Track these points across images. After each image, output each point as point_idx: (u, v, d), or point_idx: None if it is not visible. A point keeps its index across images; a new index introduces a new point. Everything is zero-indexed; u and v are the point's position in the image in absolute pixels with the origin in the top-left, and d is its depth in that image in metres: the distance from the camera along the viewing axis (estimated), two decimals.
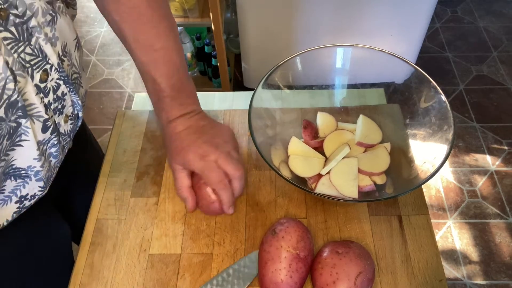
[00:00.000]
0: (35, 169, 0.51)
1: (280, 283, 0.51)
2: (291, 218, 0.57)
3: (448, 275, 1.45)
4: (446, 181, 1.69)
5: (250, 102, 0.61)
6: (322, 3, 1.55)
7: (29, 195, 0.54)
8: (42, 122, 0.48)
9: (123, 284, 0.56)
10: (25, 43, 0.44)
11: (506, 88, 2.01)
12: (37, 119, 0.48)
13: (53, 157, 0.54)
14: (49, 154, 0.53)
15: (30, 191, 0.53)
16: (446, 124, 0.59)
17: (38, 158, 0.50)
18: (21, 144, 0.47)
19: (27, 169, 0.50)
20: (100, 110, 1.98)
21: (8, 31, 0.42)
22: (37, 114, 0.47)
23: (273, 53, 1.73)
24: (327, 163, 0.63)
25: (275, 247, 0.53)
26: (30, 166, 0.50)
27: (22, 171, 0.50)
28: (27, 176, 0.51)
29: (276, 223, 0.56)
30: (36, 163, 0.50)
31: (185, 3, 1.54)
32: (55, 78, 0.49)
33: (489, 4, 2.41)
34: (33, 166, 0.50)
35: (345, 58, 0.69)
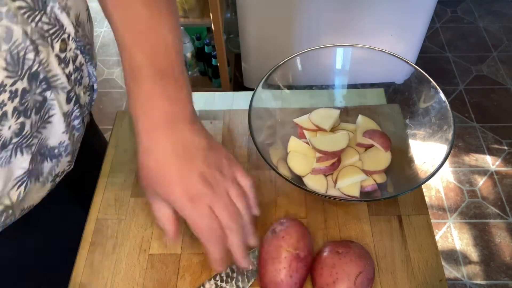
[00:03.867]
0: (65, 144, 0.51)
1: (280, 283, 0.51)
2: (291, 218, 0.57)
3: (448, 275, 1.45)
4: (446, 181, 1.69)
5: (250, 102, 0.61)
6: (322, 3, 1.55)
7: (60, 172, 0.54)
8: (66, 93, 0.48)
9: (123, 284, 0.56)
10: (41, 12, 0.43)
11: (506, 88, 2.01)
12: (62, 90, 0.47)
13: (76, 130, 0.54)
14: (72, 127, 0.53)
15: (61, 168, 0.54)
16: (446, 124, 0.59)
17: (65, 130, 0.50)
18: (50, 121, 0.47)
19: (58, 146, 0.51)
20: (100, 110, 1.98)
21: (22, 0, 0.41)
22: (61, 85, 0.47)
23: (273, 53, 1.73)
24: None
25: (275, 247, 0.52)
26: (60, 142, 0.50)
27: (55, 149, 0.50)
28: (60, 155, 0.52)
29: (276, 223, 0.56)
30: (65, 136, 0.50)
31: (185, 3, 1.54)
32: (73, 48, 0.48)
33: (489, 4, 2.41)
34: (62, 141, 0.50)
35: (345, 58, 0.69)
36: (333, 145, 0.63)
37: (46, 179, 0.52)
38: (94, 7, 0.65)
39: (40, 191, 0.52)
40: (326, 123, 0.66)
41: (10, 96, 0.41)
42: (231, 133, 0.72)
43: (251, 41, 1.73)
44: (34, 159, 0.47)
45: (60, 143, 0.51)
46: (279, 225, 0.55)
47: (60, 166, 0.54)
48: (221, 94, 0.79)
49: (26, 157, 0.46)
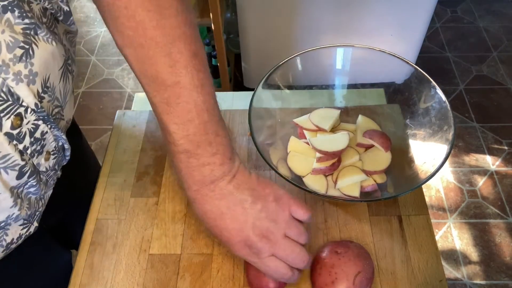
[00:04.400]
0: (14, 215, 0.44)
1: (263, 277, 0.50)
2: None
3: (448, 275, 1.45)
4: (446, 181, 1.69)
5: (250, 102, 0.61)
6: (322, 3, 1.55)
7: (14, 238, 0.47)
8: (18, 170, 0.41)
9: (123, 284, 0.56)
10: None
11: (506, 88, 2.01)
12: (12, 169, 0.40)
13: (32, 194, 0.46)
14: (26, 194, 0.45)
15: (14, 235, 0.47)
16: (446, 124, 0.59)
17: (13, 204, 0.43)
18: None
19: (6, 220, 0.44)
20: (100, 110, 1.98)
21: None
22: (11, 164, 0.40)
23: (273, 53, 1.73)
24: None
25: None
26: (8, 216, 0.43)
27: (1, 223, 0.44)
28: (8, 224, 0.45)
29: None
30: (13, 209, 0.43)
31: None
32: (32, 120, 0.40)
33: (489, 4, 2.41)
34: (11, 214, 0.44)
35: (345, 58, 0.69)
36: (333, 145, 0.63)
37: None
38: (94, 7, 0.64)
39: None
40: (326, 123, 0.66)
41: None
42: (231, 133, 0.72)
43: (251, 41, 1.73)
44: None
45: (8, 217, 0.43)
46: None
47: (11, 235, 0.46)
48: (221, 94, 0.79)
49: None
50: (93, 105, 2.00)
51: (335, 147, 0.63)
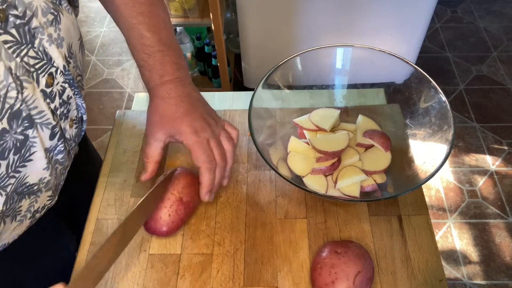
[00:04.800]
0: (45, 180, 0.49)
1: (159, 219, 0.57)
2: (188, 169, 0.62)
3: (448, 275, 1.45)
4: (446, 181, 1.69)
5: (250, 102, 0.61)
6: (322, 3, 1.55)
7: (40, 207, 0.52)
8: (50, 128, 0.46)
9: (123, 284, 0.56)
10: (28, 46, 0.41)
11: (506, 88, 2.01)
12: (46, 126, 0.46)
13: (59, 163, 0.52)
14: (55, 161, 0.51)
15: (41, 203, 0.52)
16: (446, 124, 0.59)
17: (46, 167, 0.48)
18: (31, 158, 0.45)
19: (38, 183, 0.48)
20: (100, 110, 1.98)
21: (8, 34, 0.39)
22: (46, 121, 0.45)
23: (273, 53, 1.73)
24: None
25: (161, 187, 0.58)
26: (41, 178, 0.48)
27: (35, 186, 0.48)
28: (39, 190, 0.50)
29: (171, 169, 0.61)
30: (46, 172, 0.48)
31: (185, 3, 1.54)
32: (60, 81, 0.47)
33: (489, 4, 2.41)
34: (43, 177, 0.48)
35: (345, 58, 0.69)
36: (333, 145, 0.63)
37: (24, 216, 0.50)
38: (94, 7, 0.65)
39: (17, 229, 0.50)
40: (326, 123, 0.66)
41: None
42: None
43: (251, 41, 1.73)
44: (8, 200, 0.45)
45: (40, 180, 0.48)
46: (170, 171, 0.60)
47: (39, 202, 0.51)
48: (221, 94, 0.79)
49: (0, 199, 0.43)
50: (93, 105, 2.00)
51: (335, 147, 0.63)
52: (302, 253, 0.58)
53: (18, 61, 0.40)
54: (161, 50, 0.54)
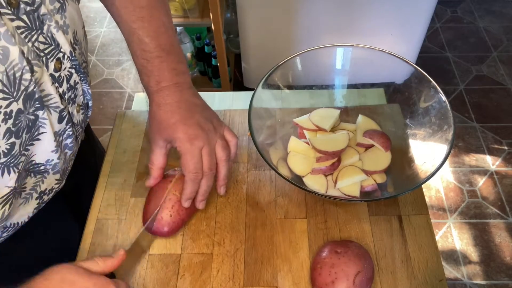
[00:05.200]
0: (53, 162, 0.51)
1: (160, 220, 0.57)
2: None
3: (448, 275, 1.45)
4: (446, 181, 1.69)
5: (250, 102, 0.61)
6: (322, 3, 1.55)
7: (47, 189, 0.53)
8: (58, 112, 0.48)
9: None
10: (38, 32, 0.43)
11: (506, 88, 2.01)
12: (54, 110, 0.47)
13: (68, 148, 0.53)
14: (64, 146, 0.52)
15: (48, 185, 0.53)
16: (446, 124, 0.59)
17: (55, 150, 0.49)
18: (40, 138, 0.47)
19: (45, 164, 0.50)
20: (100, 110, 1.98)
21: (20, 20, 0.41)
22: (54, 104, 0.47)
23: (273, 53, 1.73)
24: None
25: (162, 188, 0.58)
26: (48, 160, 0.50)
27: (41, 166, 0.50)
28: (46, 171, 0.51)
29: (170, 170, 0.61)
30: (54, 155, 0.50)
31: (185, 3, 1.54)
32: (67, 67, 0.49)
33: (489, 4, 2.41)
34: (51, 159, 0.50)
35: (345, 58, 0.69)
36: (333, 145, 0.63)
37: (30, 195, 0.51)
38: (94, 7, 0.65)
39: (24, 207, 0.51)
40: (326, 123, 0.66)
41: (4, 118, 0.41)
42: None
43: (251, 41, 1.73)
44: (20, 177, 0.47)
45: (47, 161, 0.50)
46: (172, 171, 0.60)
47: (46, 183, 0.52)
48: (221, 94, 0.79)
49: (13, 175, 0.45)
50: (93, 105, 1.99)
51: (335, 147, 0.63)
52: (302, 253, 0.58)
53: (29, 45, 0.42)
54: (159, 56, 0.54)
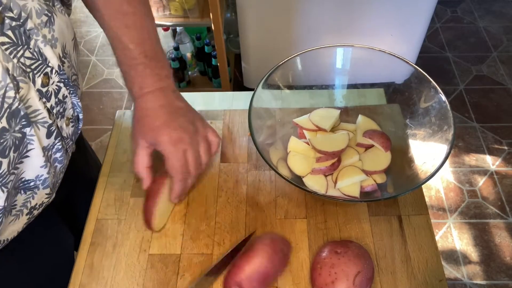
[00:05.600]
0: (43, 177, 0.50)
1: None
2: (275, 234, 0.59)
3: (448, 275, 1.45)
4: (446, 181, 1.69)
5: (250, 102, 0.61)
6: (322, 3, 1.55)
7: (37, 204, 0.52)
8: (47, 127, 0.47)
9: (123, 284, 0.56)
10: (24, 47, 0.42)
11: (506, 88, 2.01)
12: (42, 125, 0.47)
13: (58, 162, 0.53)
14: (54, 160, 0.52)
15: (38, 200, 0.52)
16: (446, 124, 0.59)
17: (44, 165, 0.49)
18: (28, 155, 0.46)
19: (35, 180, 0.49)
20: (100, 110, 1.98)
21: (5, 36, 0.40)
22: (41, 120, 0.46)
23: (273, 53, 1.72)
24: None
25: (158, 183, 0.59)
26: (38, 175, 0.49)
27: (31, 182, 0.49)
28: (36, 187, 0.50)
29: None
30: (43, 170, 0.49)
31: (185, 3, 1.54)
32: (56, 81, 0.48)
33: (489, 4, 2.41)
34: (40, 174, 0.49)
35: (345, 58, 0.69)
36: (333, 145, 0.63)
37: (20, 211, 0.51)
38: None
39: (15, 224, 0.51)
40: (326, 123, 0.66)
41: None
42: (231, 133, 0.72)
43: (251, 41, 1.73)
44: (10, 196, 0.46)
45: (37, 177, 0.49)
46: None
47: (36, 199, 0.52)
48: (221, 94, 0.79)
49: (1, 195, 0.44)
50: (93, 105, 2.00)
51: (335, 147, 0.63)
52: (302, 253, 0.58)
53: (15, 62, 0.41)
54: (143, 62, 0.55)
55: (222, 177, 0.66)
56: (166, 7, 1.56)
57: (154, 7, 1.56)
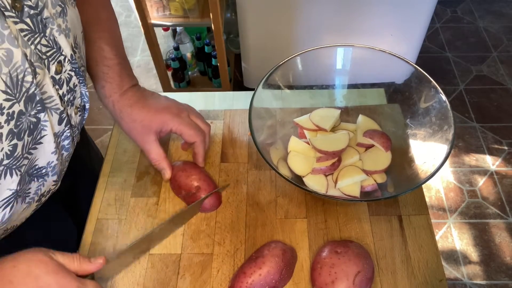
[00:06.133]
0: (53, 164, 0.51)
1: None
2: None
3: (448, 275, 1.45)
4: (446, 181, 1.69)
5: (251, 102, 0.61)
6: (322, 3, 1.55)
7: (45, 191, 0.54)
8: (59, 114, 0.49)
9: (123, 284, 0.56)
10: (41, 35, 0.44)
11: (506, 88, 2.01)
12: (55, 111, 0.48)
13: (65, 150, 0.54)
14: (62, 147, 0.53)
15: (47, 188, 0.54)
16: (446, 124, 0.59)
17: (55, 151, 0.50)
18: (42, 141, 0.48)
19: (46, 167, 0.51)
20: (100, 110, 1.98)
21: (24, 23, 0.42)
22: (55, 106, 0.48)
23: (273, 53, 1.73)
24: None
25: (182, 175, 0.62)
26: (49, 162, 0.51)
27: (43, 169, 0.51)
28: (46, 174, 0.52)
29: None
30: (53, 157, 0.51)
31: (185, 3, 1.54)
32: (68, 69, 0.50)
33: (489, 4, 2.41)
34: (51, 161, 0.51)
35: (345, 58, 0.69)
36: (333, 145, 0.63)
37: (32, 199, 0.52)
38: None
39: (25, 211, 0.52)
40: (326, 123, 0.66)
41: (6, 119, 0.41)
42: (231, 133, 0.72)
43: (251, 41, 1.73)
44: (22, 180, 0.47)
45: (48, 163, 0.51)
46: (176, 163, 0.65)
47: (45, 186, 0.53)
48: (221, 94, 0.79)
49: (15, 178, 0.45)
50: (93, 105, 1.99)
51: (335, 147, 0.63)
52: (302, 253, 0.58)
53: (32, 48, 0.43)
54: (120, 63, 0.61)
55: (222, 177, 0.66)
56: (166, 7, 1.56)
57: (154, 7, 1.56)
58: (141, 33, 1.70)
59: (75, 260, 0.47)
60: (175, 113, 0.61)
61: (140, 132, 0.61)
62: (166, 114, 0.60)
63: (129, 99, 0.61)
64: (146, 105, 0.61)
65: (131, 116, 0.60)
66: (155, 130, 0.61)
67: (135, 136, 0.62)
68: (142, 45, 2.28)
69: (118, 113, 0.61)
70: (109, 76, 0.60)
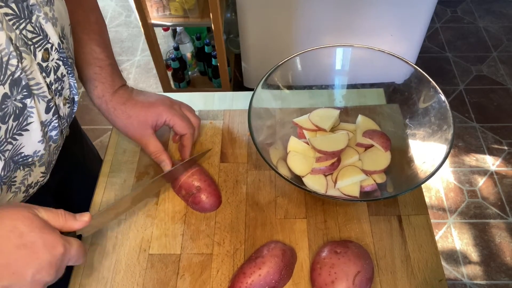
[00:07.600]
0: (40, 153, 0.51)
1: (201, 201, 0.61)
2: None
3: (448, 275, 1.45)
4: (446, 181, 1.69)
5: (250, 102, 0.61)
6: (322, 3, 1.55)
7: (33, 182, 0.54)
8: (46, 102, 0.49)
9: (123, 284, 0.56)
10: (26, 20, 0.44)
11: (506, 88, 2.01)
12: (42, 99, 0.48)
13: (53, 141, 0.54)
14: (49, 137, 0.53)
15: (34, 178, 0.54)
16: (446, 124, 0.59)
17: (41, 140, 0.50)
18: (27, 128, 0.48)
19: (33, 155, 0.51)
20: None
21: (8, 7, 0.42)
22: (42, 94, 0.48)
23: (273, 53, 1.73)
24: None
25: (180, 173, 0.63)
26: (35, 151, 0.51)
27: (29, 158, 0.51)
28: (33, 163, 0.52)
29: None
30: (40, 146, 0.51)
31: (185, 3, 1.54)
32: (55, 58, 0.50)
33: (489, 4, 2.41)
34: (38, 150, 0.51)
35: (345, 58, 0.69)
36: (332, 145, 0.63)
37: (19, 189, 0.52)
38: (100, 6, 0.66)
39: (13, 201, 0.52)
40: (326, 123, 0.66)
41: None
42: (231, 133, 0.72)
43: (251, 41, 1.73)
44: (7, 166, 0.47)
45: (34, 152, 0.51)
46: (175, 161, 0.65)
47: (32, 176, 0.53)
48: (221, 94, 0.79)
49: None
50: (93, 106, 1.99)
51: (335, 147, 0.63)
52: (302, 253, 0.58)
53: (17, 33, 0.43)
54: (111, 63, 0.63)
55: (222, 177, 0.66)
56: (166, 7, 1.56)
57: (154, 7, 1.56)
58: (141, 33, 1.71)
59: (60, 217, 0.45)
60: (168, 104, 0.63)
61: (137, 127, 0.62)
62: (160, 106, 0.62)
63: (121, 97, 0.62)
64: (139, 101, 0.62)
65: (126, 112, 0.61)
66: (151, 124, 0.62)
67: (132, 132, 0.63)
68: (142, 45, 2.28)
69: (112, 112, 0.62)
70: (102, 76, 0.62)
